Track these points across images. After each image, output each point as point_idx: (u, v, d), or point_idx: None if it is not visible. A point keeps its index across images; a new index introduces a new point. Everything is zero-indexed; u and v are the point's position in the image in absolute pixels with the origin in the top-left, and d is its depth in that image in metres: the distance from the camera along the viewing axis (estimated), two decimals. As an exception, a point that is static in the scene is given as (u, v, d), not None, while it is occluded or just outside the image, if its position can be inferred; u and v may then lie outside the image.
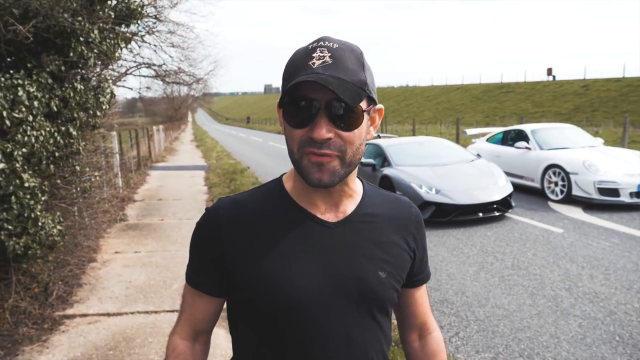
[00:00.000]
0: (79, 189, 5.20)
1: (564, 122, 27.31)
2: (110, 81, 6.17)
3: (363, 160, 8.07)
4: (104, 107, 4.81)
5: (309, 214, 0.90)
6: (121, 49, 5.04)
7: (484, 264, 5.11)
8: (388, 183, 7.14)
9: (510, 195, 6.92)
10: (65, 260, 5.08)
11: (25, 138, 3.49)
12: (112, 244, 6.08)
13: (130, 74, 13.27)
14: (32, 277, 4.55)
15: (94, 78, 4.93)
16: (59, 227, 3.90)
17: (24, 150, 3.47)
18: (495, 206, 6.71)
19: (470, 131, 10.98)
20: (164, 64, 13.45)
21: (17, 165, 3.34)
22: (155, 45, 12.22)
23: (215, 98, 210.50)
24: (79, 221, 5.77)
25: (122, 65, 12.32)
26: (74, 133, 4.18)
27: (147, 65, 13.18)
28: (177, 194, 9.80)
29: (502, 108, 40.06)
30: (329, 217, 0.91)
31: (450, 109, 46.88)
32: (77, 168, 4.54)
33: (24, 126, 3.49)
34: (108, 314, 3.97)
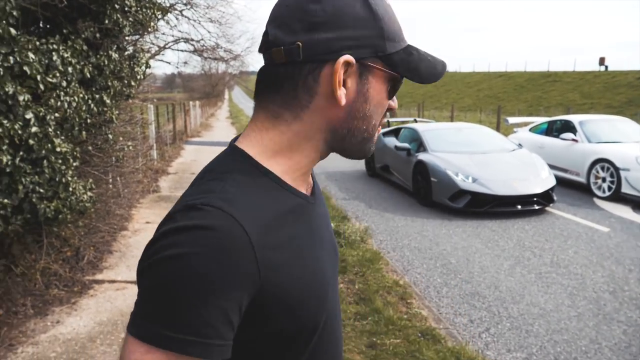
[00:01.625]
0: (112, 157, 5.23)
1: (614, 115, 25.92)
2: (148, 53, 6.17)
3: (398, 144, 7.84)
4: (138, 77, 4.78)
5: (302, 195, 0.71)
6: (158, 19, 4.98)
7: (520, 258, 4.86)
8: (422, 168, 6.91)
9: (552, 189, 6.57)
10: (97, 226, 5.15)
11: (59, 103, 3.47)
12: (143, 213, 6.14)
13: (169, 48, 13.34)
14: (64, 240, 4.63)
15: (130, 48, 4.89)
16: (89, 193, 3.90)
17: (56, 115, 3.45)
18: (535, 199, 6.39)
19: (512, 120, 10.48)
20: (202, 39, 13.47)
21: (50, 130, 3.33)
22: (193, 20, 12.22)
23: (252, 76, 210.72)
24: (112, 189, 5.84)
25: (160, 39, 12.40)
26: (108, 101, 4.15)
27: (185, 40, 13.20)
28: (209, 168, 9.86)
29: (547, 98, 38.36)
30: (307, 192, 0.75)
31: (491, 97, 45.34)
32: (110, 136, 4.54)
33: (57, 91, 3.47)
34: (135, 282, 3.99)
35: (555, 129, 8.96)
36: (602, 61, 43.10)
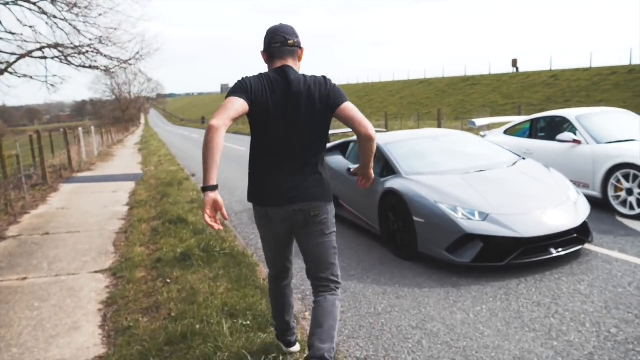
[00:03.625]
0: None
1: (537, 112, 25.76)
2: None
3: (351, 166, 5.43)
4: None
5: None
6: None
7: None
8: (396, 202, 4.51)
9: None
10: None
11: None
12: None
13: (28, 56, 10.08)
14: None
15: None
16: None
17: None
18: (573, 236, 4.19)
19: (479, 122, 8.46)
20: (79, 45, 10.34)
21: None
22: (54, 17, 9.14)
23: (170, 99, 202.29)
24: None
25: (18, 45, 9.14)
26: None
27: (51, 46, 10.05)
28: (79, 221, 6.81)
29: (470, 101, 38.44)
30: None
31: (415, 104, 45.03)
32: None
33: None
34: None
35: (540, 129, 7.01)
36: (514, 63, 44.30)
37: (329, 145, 6.62)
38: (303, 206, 2.21)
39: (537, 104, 31.01)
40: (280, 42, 2.22)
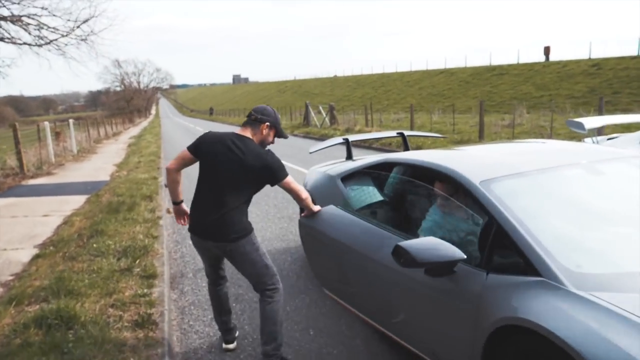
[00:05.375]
0: None
1: (580, 106, 22.56)
2: None
3: (415, 248, 2.51)
4: None
5: None
6: None
7: None
8: (539, 353, 1.64)
9: None
10: None
11: None
12: None
13: None
14: None
15: None
16: None
17: None
18: None
19: (589, 122, 5.30)
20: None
21: None
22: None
23: (181, 90, 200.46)
24: None
25: None
26: None
27: None
28: None
29: (498, 92, 35.05)
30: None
31: (436, 95, 41.73)
32: None
33: None
34: None
35: None
36: (547, 51, 40.67)
37: (352, 165, 3.79)
38: (218, 245, 2.79)
39: (579, 96, 27.63)
40: (248, 117, 2.83)
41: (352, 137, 5.08)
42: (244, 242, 2.75)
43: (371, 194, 3.60)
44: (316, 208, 3.15)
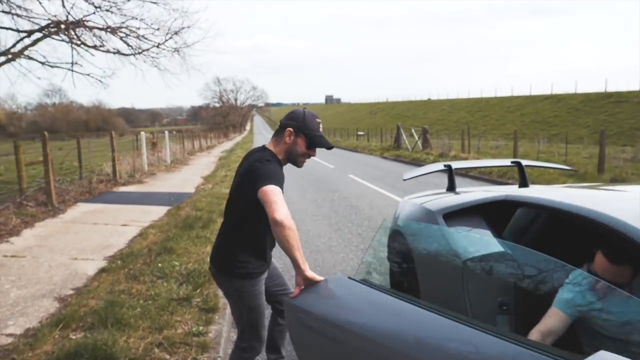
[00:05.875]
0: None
1: None
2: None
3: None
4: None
5: (282, 166, 2.15)
6: None
7: None
8: None
9: None
10: None
11: None
12: None
13: (28, 36, 7.65)
14: None
15: None
16: None
17: None
18: None
19: None
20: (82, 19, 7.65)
21: None
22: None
23: (276, 108, 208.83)
24: None
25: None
26: None
27: (54, 25, 7.52)
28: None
29: (615, 122, 31.47)
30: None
31: (540, 122, 38.62)
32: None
33: None
34: None
35: None
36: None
37: (457, 200, 2.96)
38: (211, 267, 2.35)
39: None
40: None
41: (455, 164, 4.19)
42: (233, 280, 2.22)
43: (486, 241, 2.73)
44: (314, 276, 1.85)
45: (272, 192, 1.87)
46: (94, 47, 7.96)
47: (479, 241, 2.79)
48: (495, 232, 2.85)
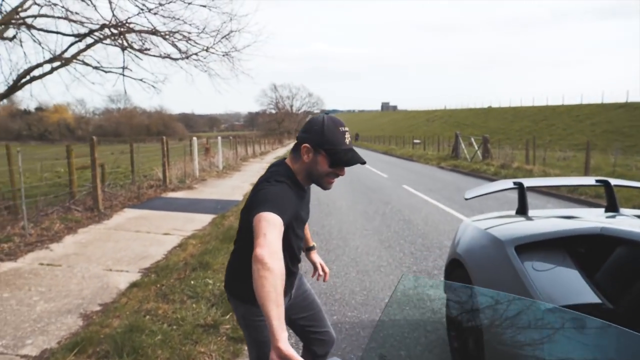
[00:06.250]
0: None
1: None
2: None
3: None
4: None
5: (304, 188, 1.84)
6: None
7: None
8: None
9: None
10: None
11: None
12: None
13: (80, 40, 7.67)
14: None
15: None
16: None
17: None
18: None
19: None
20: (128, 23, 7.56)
21: None
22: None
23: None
24: None
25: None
26: None
27: (101, 28, 7.50)
28: (10, 310, 3.61)
29: (701, 133, 28.63)
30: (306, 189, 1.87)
31: (613, 132, 35.85)
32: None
33: None
34: None
35: None
36: None
37: (533, 228, 2.40)
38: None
39: None
40: None
41: (528, 182, 3.54)
42: (238, 304, 1.95)
43: (577, 288, 2.13)
44: (291, 353, 1.18)
45: (265, 222, 1.52)
46: (140, 50, 7.92)
47: (565, 286, 2.20)
48: (585, 275, 2.24)
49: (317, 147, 1.71)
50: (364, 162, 1.76)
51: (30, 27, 7.05)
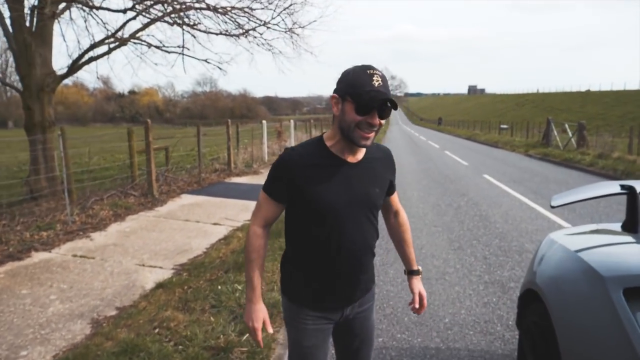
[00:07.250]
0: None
1: None
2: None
3: None
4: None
5: (341, 159, 1.56)
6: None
7: None
8: None
9: None
10: None
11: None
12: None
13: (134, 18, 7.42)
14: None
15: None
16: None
17: None
18: None
19: None
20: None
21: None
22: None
23: (414, 98, 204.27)
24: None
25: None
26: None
27: (155, 3, 7.16)
28: (32, 310, 3.33)
29: None
30: (351, 160, 1.57)
31: None
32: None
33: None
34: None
35: None
36: None
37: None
38: None
39: None
40: None
41: (641, 185, 2.54)
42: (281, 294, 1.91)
43: None
44: (252, 319, 1.65)
45: (259, 196, 1.75)
46: (193, 26, 7.57)
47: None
48: None
49: (344, 95, 1.54)
50: (395, 106, 1.53)
51: (86, 5, 6.96)
